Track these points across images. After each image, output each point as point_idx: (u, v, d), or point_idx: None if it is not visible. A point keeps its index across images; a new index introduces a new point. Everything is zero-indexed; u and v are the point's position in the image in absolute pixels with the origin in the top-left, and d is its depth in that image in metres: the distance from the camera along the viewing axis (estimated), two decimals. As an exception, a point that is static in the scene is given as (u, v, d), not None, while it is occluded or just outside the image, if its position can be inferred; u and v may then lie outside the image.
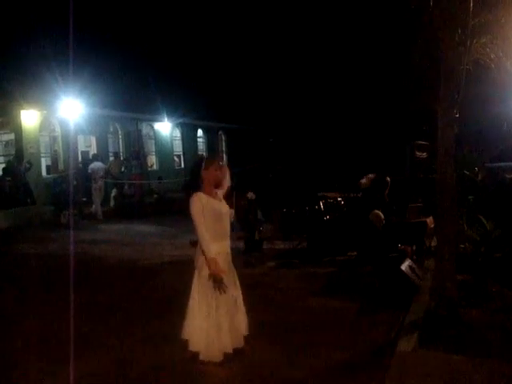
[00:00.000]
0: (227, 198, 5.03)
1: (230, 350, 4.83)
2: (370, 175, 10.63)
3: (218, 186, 5.04)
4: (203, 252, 4.80)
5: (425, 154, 15.67)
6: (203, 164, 4.99)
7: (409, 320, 5.82)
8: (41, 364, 5.10)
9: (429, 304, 6.02)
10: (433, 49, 6.21)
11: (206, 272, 4.81)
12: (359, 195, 10.79)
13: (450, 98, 5.94)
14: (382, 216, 9.49)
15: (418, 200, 11.52)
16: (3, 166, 18.22)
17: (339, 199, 11.01)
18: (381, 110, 26.92)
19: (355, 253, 9.76)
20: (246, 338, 5.08)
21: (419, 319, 5.76)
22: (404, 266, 7.23)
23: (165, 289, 7.97)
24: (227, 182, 5.18)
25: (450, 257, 5.91)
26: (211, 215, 4.84)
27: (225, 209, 5.02)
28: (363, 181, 10.67)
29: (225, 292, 4.78)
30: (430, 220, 9.60)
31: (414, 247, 9.43)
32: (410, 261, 7.62)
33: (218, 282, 4.71)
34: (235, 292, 5.04)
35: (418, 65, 6.80)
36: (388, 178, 10.29)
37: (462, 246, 7.62)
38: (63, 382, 4.69)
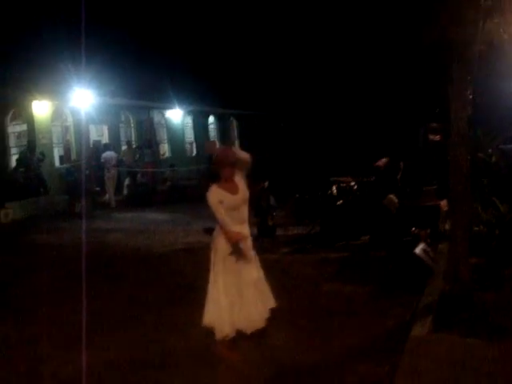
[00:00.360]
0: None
1: (243, 329, 4.83)
2: (384, 159, 10.58)
3: (231, 176, 4.91)
4: (223, 230, 4.83)
5: (438, 136, 15.49)
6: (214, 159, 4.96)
7: (423, 304, 5.80)
8: (60, 351, 5.17)
9: (443, 287, 5.99)
10: (445, 29, 6.13)
11: (221, 251, 4.88)
12: (372, 179, 10.74)
13: (463, 80, 5.87)
14: (396, 200, 9.45)
15: (432, 183, 11.44)
16: (16, 157, 18.36)
17: (352, 184, 10.96)
18: (393, 93, 26.71)
19: (368, 237, 9.74)
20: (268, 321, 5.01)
21: (433, 303, 5.73)
22: (418, 250, 7.20)
23: (180, 275, 8.02)
24: (246, 164, 5.01)
25: (464, 240, 5.87)
26: (226, 208, 4.82)
27: (240, 198, 4.92)
28: (380, 163, 10.64)
29: (245, 256, 4.94)
30: (443, 203, 9.53)
31: (428, 231, 9.37)
32: (424, 244, 7.58)
33: (236, 248, 4.83)
34: (255, 274, 5.06)
35: (430, 46, 6.72)
36: (401, 163, 10.23)
37: (476, 228, 7.58)
38: (81, 366, 4.74)
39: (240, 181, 4.97)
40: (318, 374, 4.53)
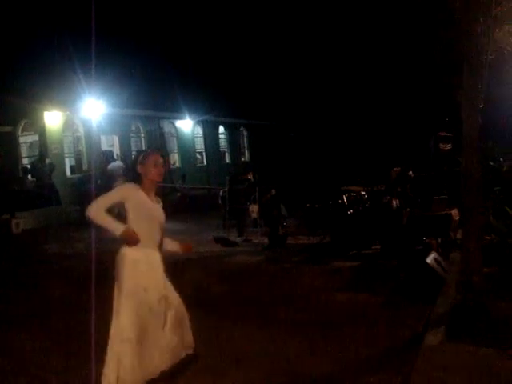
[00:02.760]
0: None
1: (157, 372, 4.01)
2: (396, 169, 10.57)
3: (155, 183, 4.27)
4: (109, 230, 4.02)
5: (449, 145, 15.49)
6: (140, 158, 4.23)
7: (435, 313, 5.77)
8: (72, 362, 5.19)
9: (455, 297, 5.97)
10: (456, 39, 6.14)
11: (127, 284, 4.12)
12: (382, 188, 10.73)
13: (474, 88, 5.87)
14: (395, 205, 9.47)
15: (443, 192, 11.41)
16: (28, 167, 18.50)
17: (362, 193, 10.95)
18: (403, 103, 26.69)
19: (379, 246, 9.72)
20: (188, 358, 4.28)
21: (446, 312, 5.70)
22: (429, 259, 7.17)
23: (192, 284, 8.01)
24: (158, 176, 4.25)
25: (477, 249, 5.85)
26: (144, 214, 4.15)
27: (158, 214, 4.30)
28: (392, 173, 10.66)
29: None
30: (455, 212, 9.51)
31: (439, 240, 9.35)
32: (435, 253, 7.55)
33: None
34: (165, 307, 4.16)
35: (441, 56, 6.74)
36: (411, 172, 10.21)
37: (489, 237, 7.55)
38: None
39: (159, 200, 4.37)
40: (331, 384, 4.52)
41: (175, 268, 9.48)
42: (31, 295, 8.00)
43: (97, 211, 3.97)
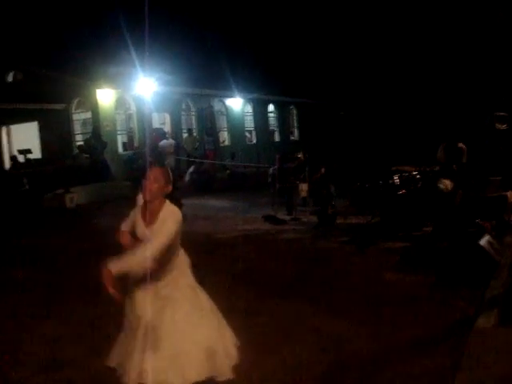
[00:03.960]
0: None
1: None
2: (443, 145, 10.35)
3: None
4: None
5: (505, 125, 15.04)
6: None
7: (488, 296, 5.65)
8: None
9: (509, 280, 5.84)
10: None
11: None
12: (436, 168, 10.51)
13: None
14: (450, 185, 9.26)
15: (498, 173, 11.10)
16: (81, 143, 18.94)
17: (414, 173, 10.76)
18: (458, 81, 26.00)
19: (430, 228, 9.56)
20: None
21: (499, 296, 5.59)
22: (483, 242, 7.01)
23: (240, 261, 8.09)
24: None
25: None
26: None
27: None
28: (438, 154, 10.40)
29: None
30: (510, 194, 9.26)
31: (494, 222, 9.12)
32: (489, 236, 7.38)
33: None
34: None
35: (500, 33, 6.52)
36: (461, 144, 9.92)
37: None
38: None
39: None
40: (381, 365, 4.49)
41: (224, 245, 9.64)
42: (83, 268, 8.22)
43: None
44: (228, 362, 3.71)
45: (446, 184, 9.54)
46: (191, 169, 19.06)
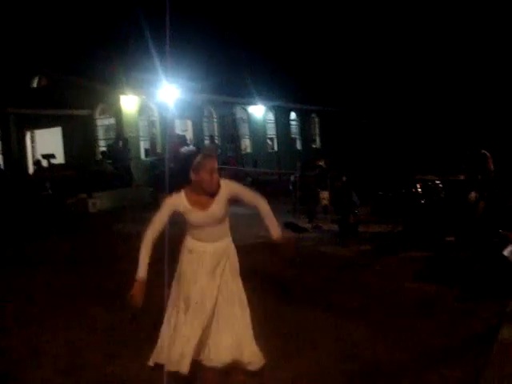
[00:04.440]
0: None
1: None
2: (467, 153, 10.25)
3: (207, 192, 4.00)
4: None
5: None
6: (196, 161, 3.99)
7: (511, 308, 5.59)
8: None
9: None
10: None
11: (178, 269, 4.20)
12: (461, 178, 10.40)
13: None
14: (474, 197, 9.19)
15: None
16: (104, 149, 19.11)
17: (437, 182, 10.67)
18: (485, 88, 25.75)
19: (453, 238, 9.46)
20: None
21: (523, 307, 5.51)
22: (507, 252, 6.91)
23: (260, 268, 8.06)
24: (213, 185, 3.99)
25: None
26: (191, 221, 4.13)
27: (210, 217, 4.08)
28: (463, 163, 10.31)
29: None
30: (534, 204, 9.14)
31: (517, 232, 9.00)
32: (512, 246, 7.28)
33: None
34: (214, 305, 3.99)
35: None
36: (483, 151, 9.78)
37: None
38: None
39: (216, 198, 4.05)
40: (401, 373, 4.45)
41: (244, 252, 9.58)
42: (105, 271, 8.28)
43: (143, 244, 4.15)
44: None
45: (473, 197, 9.44)
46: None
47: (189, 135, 22.42)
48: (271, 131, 28.70)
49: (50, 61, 21.57)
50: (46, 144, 20.58)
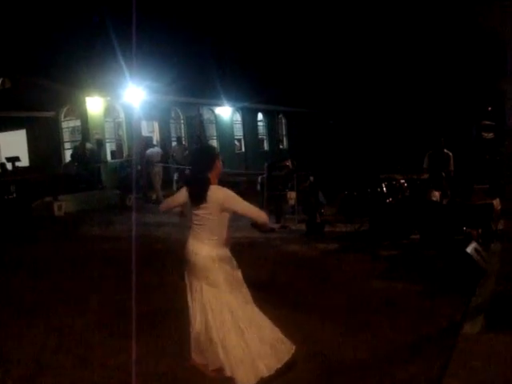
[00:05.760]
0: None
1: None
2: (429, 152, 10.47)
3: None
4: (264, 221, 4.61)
5: (491, 134, 15.21)
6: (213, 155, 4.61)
7: (475, 303, 5.70)
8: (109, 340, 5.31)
9: (495, 288, 5.89)
10: (498, 25, 6.01)
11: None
12: (424, 177, 10.60)
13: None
14: (438, 196, 9.37)
15: (484, 181, 11.21)
16: (70, 151, 18.88)
17: (402, 181, 10.84)
18: (446, 90, 26.22)
19: (418, 236, 9.62)
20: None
21: (485, 303, 5.64)
22: (470, 249, 7.06)
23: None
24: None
25: (519, 239, 5.76)
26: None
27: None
28: (425, 162, 10.55)
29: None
30: (496, 202, 9.34)
31: (480, 230, 9.20)
32: (475, 243, 7.44)
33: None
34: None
35: (483, 43, 6.60)
36: (446, 151, 10.00)
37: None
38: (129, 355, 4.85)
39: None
40: (367, 371, 4.51)
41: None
42: (72, 275, 8.20)
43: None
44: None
45: (436, 196, 9.66)
46: (175, 176, 19.03)
47: (155, 137, 22.30)
48: (238, 132, 28.74)
49: (13, 62, 21.24)
50: (11, 147, 20.25)
